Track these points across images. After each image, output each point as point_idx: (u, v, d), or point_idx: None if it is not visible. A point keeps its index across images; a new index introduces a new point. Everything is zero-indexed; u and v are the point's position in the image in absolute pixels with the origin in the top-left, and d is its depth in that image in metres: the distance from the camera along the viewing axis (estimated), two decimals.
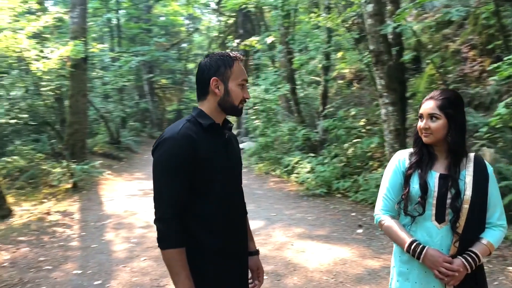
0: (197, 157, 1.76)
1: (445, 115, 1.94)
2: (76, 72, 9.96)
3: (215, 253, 1.86)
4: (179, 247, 1.76)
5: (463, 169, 1.97)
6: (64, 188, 8.41)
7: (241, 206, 2.03)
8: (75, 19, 10.07)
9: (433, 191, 1.96)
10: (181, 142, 1.76)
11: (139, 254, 5.03)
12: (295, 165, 9.23)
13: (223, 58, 1.87)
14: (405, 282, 2.02)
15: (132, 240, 5.57)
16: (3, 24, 8.37)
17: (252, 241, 2.21)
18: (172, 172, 1.77)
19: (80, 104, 10.08)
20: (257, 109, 11.45)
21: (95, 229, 6.09)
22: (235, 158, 2.00)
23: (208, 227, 1.85)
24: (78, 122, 9.96)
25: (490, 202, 1.95)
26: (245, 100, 1.91)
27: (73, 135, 9.87)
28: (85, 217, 6.71)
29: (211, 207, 1.84)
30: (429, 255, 1.89)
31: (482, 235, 1.92)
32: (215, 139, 1.87)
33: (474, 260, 1.87)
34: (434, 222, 1.95)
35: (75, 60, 9.66)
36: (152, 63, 21.72)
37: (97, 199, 7.94)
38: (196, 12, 25.46)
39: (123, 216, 6.71)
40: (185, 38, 27.32)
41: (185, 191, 1.78)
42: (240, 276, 1.98)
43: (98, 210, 7.11)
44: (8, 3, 8.32)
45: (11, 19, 8.56)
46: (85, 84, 10.47)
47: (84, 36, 10.18)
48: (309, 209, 6.98)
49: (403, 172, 2.08)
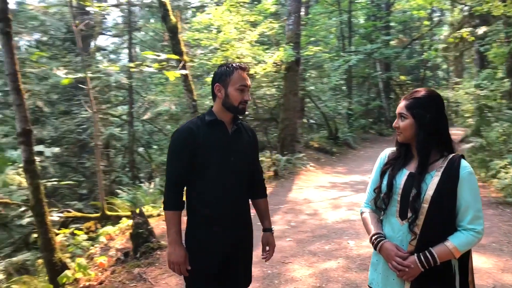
0: (195, 145, 2.31)
1: (412, 115, 1.99)
2: (289, 73, 11.19)
3: (205, 221, 2.37)
4: (173, 210, 2.35)
5: (434, 169, 1.95)
6: (267, 176, 9.68)
7: (237, 186, 2.42)
8: (290, 26, 11.29)
9: (398, 188, 2.02)
10: (183, 133, 2.36)
11: (288, 236, 5.65)
12: (500, 169, 8.20)
13: (226, 68, 2.39)
14: (374, 272, 2.16)
15: (291, 224, 6.24)
16: (231, 35, 10.14)
17: (266, 220, 2.66)
18: (174, 155, 2.37)
19: (291, 102, 11.27)
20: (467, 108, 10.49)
21: (270, 211, 6.98)
22: (239, 149, 2.42)
23: (202, 200, 2.37)
24: (289, 118, 11.17)
25: (461, 205, 1.91)
26: (245, 102, 2.35)
27: (284, 130, 11.15)
28: (269, 200, 7.67)
29: (206, 185, 2.36)
30: (384, 248, 2.00)
31: (449, 237, 1.90)
32: (216, 132, 2.37)
33: (427, 259, 1.89)
34: (398, 218, 2.02)
35: (288, 63, 10.86)
36: (387, 60, 21.72)
37: (289, 187, 8.89)
38: (441, 4, 24.09)
39: (299, 203, 7.44)
40: (427, 32, 26.18)
41: (184, 170, 2.35)
42: (232, 245, 2.39)
43: (283, 196, 8.03)
44: (235, 17, 10.04)
45: (238, 30, 10.28)
46: (297, 84, 11.60)
47: (297, 40, 11.32)
48: (489, 216, 6.28)
49: (381, 168, 2.17)
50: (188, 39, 9.72)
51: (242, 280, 2.49)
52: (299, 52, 11.45)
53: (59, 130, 12.66)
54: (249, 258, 2.56)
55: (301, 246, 5.23)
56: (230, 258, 2.39)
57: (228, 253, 2.38)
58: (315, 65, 15.14)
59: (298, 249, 5.13)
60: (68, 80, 6.20)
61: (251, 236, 2.57)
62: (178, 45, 8.18)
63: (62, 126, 12.37)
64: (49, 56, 13.47)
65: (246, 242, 2.51)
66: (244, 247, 2.48)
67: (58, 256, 4.52)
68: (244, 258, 2.49)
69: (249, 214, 2.55)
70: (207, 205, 2.37)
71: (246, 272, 2.52)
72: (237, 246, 2.42)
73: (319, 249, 5.12)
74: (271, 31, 11.11)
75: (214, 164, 2.34)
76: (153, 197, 8.50)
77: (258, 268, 4.57)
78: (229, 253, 2.39)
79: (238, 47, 9.89)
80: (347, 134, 15.72)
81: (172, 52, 8.35)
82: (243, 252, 2.47)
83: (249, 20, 9.77)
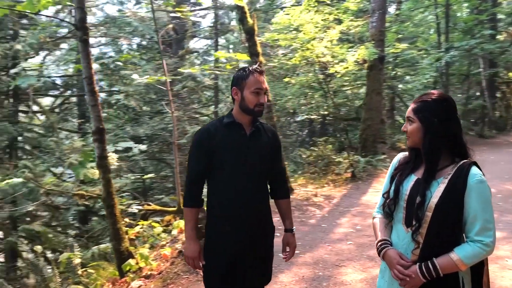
0: (212, 145, 2.42)
1: (419, 119, 1.93)
2: (371, 72, 10.87)
3: (218, 220, 2.46)
4: (189, 207, 2.47)
5: (442, 176, 1.87)
6: (345, 177, 9.50)
7: (252, 187, 2.46)
8: (374, 23, 10.95)
9: (404, 195, 1.98)
10: (201, 134, 2.48)
11: (350, 239, 5.54)
12: None
13: (242, 72, 2.47)
14: (382, 279, 2.15)
15: (357, 227, 6.09)
16: (311, 34, 10.08)
17: (287, 220, 2.69)
18: (193, 155, 2.50)
19: (374, 101, 10.92)
20: None
21: (339, 213, 6.90)
22: (256, 150, 2.48)
23: (216, 199, 2.47)
24: (371, 118, 10.83)
25: (468, 215, 1.83)
26: (261, 104, 2.41)
27: (365, 130, 10.84)
28: (341, 202, 7.59)
29: (221, 185, 2.46)
30: (387, 256, 1.97)
31: (454, 249, 1.82)
32: (233, 134, 2.45)
33: (429, 270, 1.82)
34: (403, 225, 1.97)
35: (371, 61, 10.55)
36: (491, 56, 19.99)
37: (365, 189, 8.64)
38: None
39: (370, 207, 7.21)
40: None
41: (201, 169, 2.47)
42: (243, 245, 2.43)
43: (356, 199, 7.84)
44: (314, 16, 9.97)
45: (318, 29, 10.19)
46: (380, 83, 11.20)
47: (381, 38, 10.94)
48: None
49: (392, 173, 2.13)
50: (267, 40, 9.86)
51: (256, 279, 2.52)
52: (383, 50, 11.05)
53: (154, 128, 13.56)
54: (266, 257, 2.58)
55: (360, 250, 5.10)
56: (242, 258, 2.43)
57: (239, 253, 2.43)
58: (410, 62, 14.51)
59: (356, 253, 5.01)
60: (150, 80, 6.77)
61: (267, 236, 2.57)
62: (254, 47, 8.33)
63: (154, 124, 13.23)
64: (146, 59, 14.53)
65: (261, 242, 2.51)
66: (258, 247, 2.50)
67: (125, 245, 4.89)
68: (259, 258, 2.51)
69: (265, 214, 2.56)
70: (220, 204, 2.46)
71: (262, 271, 2.55)
72: (250, 246, 2.45)
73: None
74: (355, 28, 10.87)
75: (230, 164, 2.42)
76: None
77: (310, 269, 4.57)
78: (239, 253, 2.43)
79: (317, 46, 9.82)
80: None
81: (249, 53, 8.53)
82: (257, 252, 2.49)
83: (328, 18, 9.62)
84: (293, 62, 10.13)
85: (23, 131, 11.70)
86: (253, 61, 8.38)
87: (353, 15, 10.96)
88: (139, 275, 4.65)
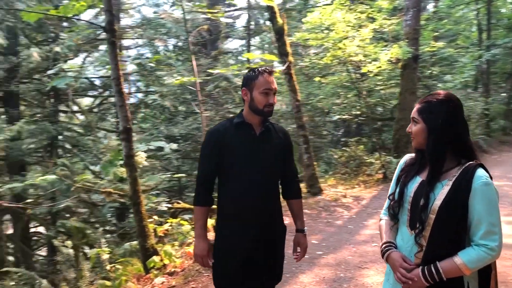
0: (222, 145, 2.45)
1: (422, 120, 1.90)
2: (405, 71, 10.63)
3: (229, 217, 2.49)
4: (199, 205, 2.51)
5: (447, 178, 1.83)
6: (376, 178, 9.35)
7: (260, 187, 2.46)
8: (408, 21, 10.69)
9: (408, 197, 1.96)
10: (211, 134, 2.52)
11: (375, 241, 5.45)
12: None
13: (251, 73, 2.49)
14: (386, 282, 2.13)
15: None
16: (342, 33, 9.97)
17: (299, 220, 2.70)
18: (203, 155, 2.55)
19: (408, 101, 10.65)
20: None
21: (367, 214, 6.80)
22: (266, 150, 2.49)
23: (228, 197, 2.50)
24: (405, 118, 10.57)
25: (473, 218, 1.78)
26: (270, 105, 2.43)
27: (399, 130, 10.59)
28: (370, 203, 7.48)
29: (230, 184, 2.49)
30: (391, 258, 1.96)
31: (459, 253, 1.77)
32: (243, 134, 2.48)
33: (431, 274, 1.79)
34: (408, 228, 1.94)
35: (405, 60, 10.32)
36: None
37: None
38: None
39: None
40: None
41: (210, 169, 2.51)
42: (251, 245, 2.44)
43: (385, 200, 7.67)
44: (346, 15, 9.85)
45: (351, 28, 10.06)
46: (414, 83, 10.92)
47: (416, 36, 10.68)
48: None
49: (398, 174, 2.11)
50: (298, 40, 9.82)
51: (266, 278, 2.52)
52: (418, 49, 10.79)
53: (188, 128, 13.77)
54: (277, 257, 2.57)
55: None
56: (251, 258, 2.44)
57: (248, 252, 2.44)
58: (449, 61, 14.07)
59: (380, 255, 4.92)
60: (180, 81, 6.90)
61: (277, 236, 2.57)
62: (284, 46, 8.33)
63: (188, 124, 13.43)
64: (182, 60, 14.77)
65: (270, 242, 2.51)
66: (267, 247, 2.50)
67: (150, 242, 5.01)
68: (269, 257, 2.51)
69: (275, 214, 2.56)
70: (229, 203, 2.48)
71: (272, 271, 2.56)
72: (259, 245, 2.46)
73: None
74: (389, 27, 10.67)
75: (239, 164, 2.44)
76: None
77: (332, 270, 4.54)
78: (248, 252, 2.44)
79: (349, 45, 9.71)
80: (479, 136, 14.30)
81: (278, 53, 8.56)
82: (267, 251, 2.50)
83: (360, 17, 9.49)
84: (325, 61, 10.05)
85: (63, 130, 12.18)
86: (282, 61, 8.40)
87: (387, 13, 10.77)
88: (163, 272, 4.75)
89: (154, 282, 4.46)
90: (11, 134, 9.02)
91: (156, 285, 4.39)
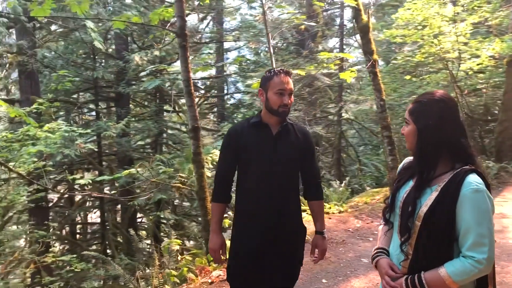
0: (239, 145, 2.56)
1: (413, 121, 1.83)
2: (510, 68, 9.64)
3: (244, 214, 2.59)
4: (216, 202, 2.64)
5: (437, 183, 1.75)
6: None
7: (275, 186, 2.50)
8: None
9: (399, 201, 1.89)
10: (229, 134, 2.65)
11: None
12: None
13: (267, 74, 2.56)
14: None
15: None
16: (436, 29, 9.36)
17: (318, 222, 2.69)
18: (221, 153, 2.68)
19: None
20: None
21: None
22: (282, 150, 2.53)
23: (243, 195, 2.61)
24: (509, 119, 9.62)
25: (460, 228, 1.68)
26: (285, 105, 2.48)
27: (502, 133, 9.66)
28: None
29: (246, 183, 2.59)
30: (379, 265, 1.93)
31: (445, 263, 1.69)
32: (259, 134, 2.56)
33: (414, 284, 1.71)
34: (398, 234, 1.88)
35: (510, 56, 9.39)
36: None
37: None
38: None
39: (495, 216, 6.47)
40: None
41: (228, 167, 2.63)
42: (264, 240, 2.50)
43: None
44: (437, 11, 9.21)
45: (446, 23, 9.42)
46: None
47: None
48: None
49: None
50: (386, 37, 9.45)
51: (280, 279, 2.54)
52: None
53: None
54: (292, 258, 2.59)
55: None
56: (262, 256, 2.49)
57: (260, 250, 2.49)
58: None
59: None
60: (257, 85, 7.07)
61: (293, 236, 2.58)
62: (368, 44, 8.08)
63: None
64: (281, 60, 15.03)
65: (285, 242, 2.53)
66: (281, 246, 2.52)
67: None
68: (283, 258, 2.53)
69: (291, 213, 2.58)
70: (245, 201, 2.57)
71: (286, 271, 2.57)
72: (271, 244, 2.49)
73: None
74: (494, 20, 9.78)
75: (255, 163, 2.51)
76: (341, 195, 8.67)
77: None
78: (260, 250, 2.49)
79: (445, 41, 9.11)
80: None
81: (363, 51, 8.35)
82: (280, 251, 2.52)
83: (456, 11, 8.83)
84: (418, 58, 9.55)
85: (166, 128, 13.12)
86: (366, 59, 8.17)
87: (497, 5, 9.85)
88: (223, 265, 4.94)
89: (212, 275, 4.67)
90: (116, 131, 9.97)
91: (212, 278, 4.60)
